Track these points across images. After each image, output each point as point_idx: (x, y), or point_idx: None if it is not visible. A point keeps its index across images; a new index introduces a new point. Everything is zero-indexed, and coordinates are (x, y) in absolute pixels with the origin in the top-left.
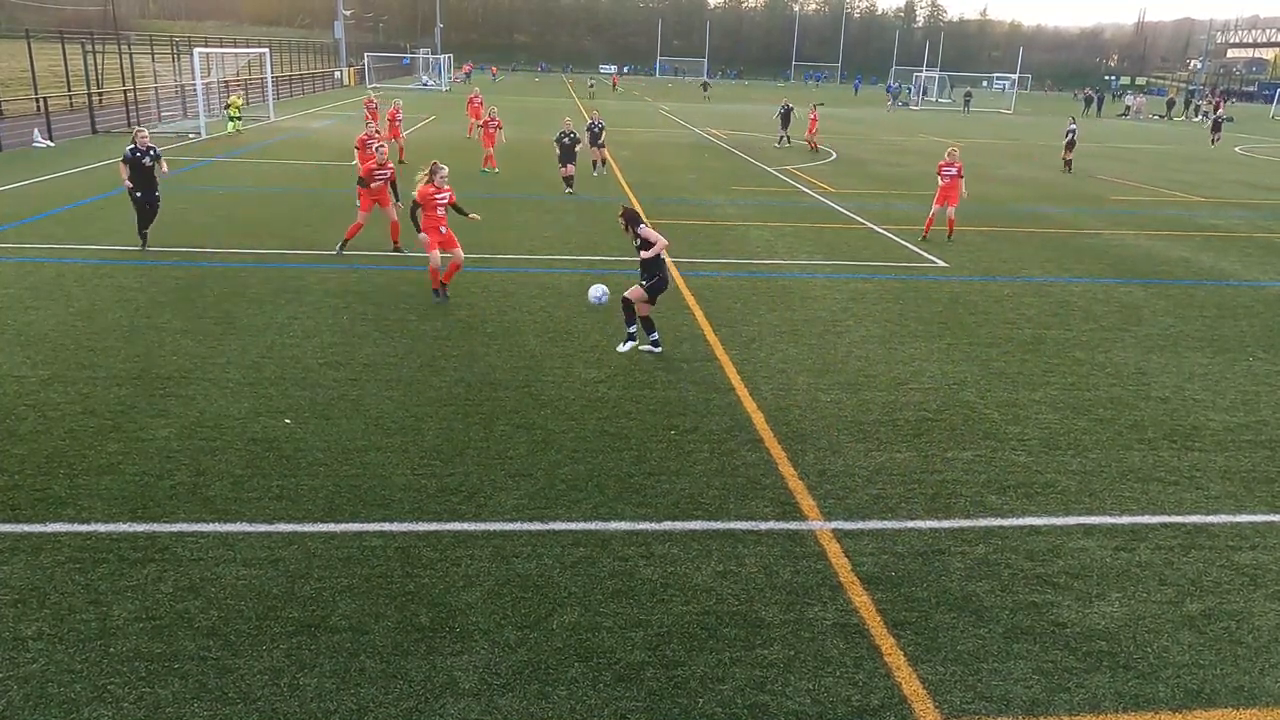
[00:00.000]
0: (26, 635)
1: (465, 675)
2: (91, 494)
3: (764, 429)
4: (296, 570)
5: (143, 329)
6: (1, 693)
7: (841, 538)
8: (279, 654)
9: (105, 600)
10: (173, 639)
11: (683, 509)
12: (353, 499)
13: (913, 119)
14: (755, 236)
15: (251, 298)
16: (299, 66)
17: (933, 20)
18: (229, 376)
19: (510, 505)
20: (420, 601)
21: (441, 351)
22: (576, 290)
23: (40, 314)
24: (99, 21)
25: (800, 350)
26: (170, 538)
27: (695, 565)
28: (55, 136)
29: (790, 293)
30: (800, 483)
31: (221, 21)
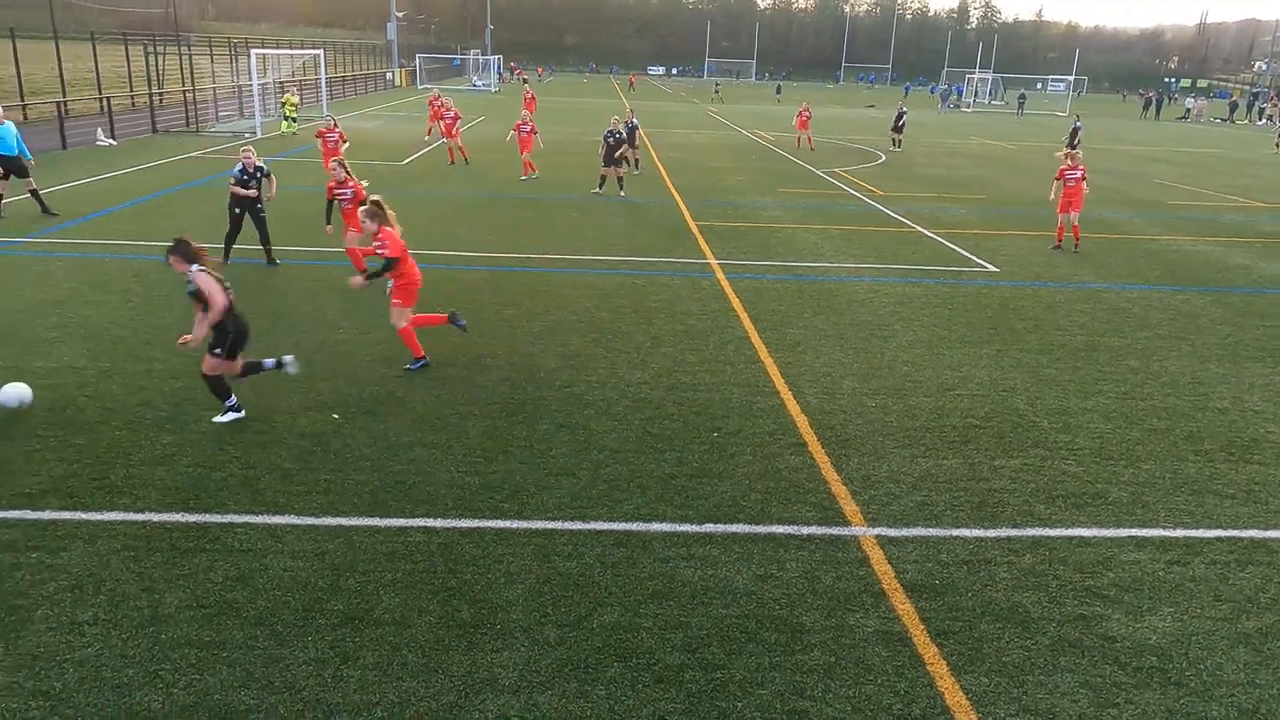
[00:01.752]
0: (83, 620)
1: (505, 671)
2: (147, 484)
3: (808, 433)
4: (342, 563)
5: (193, 323)
6: (58, 675)
7: (885, 544)
8: (324, 645)
9: (158, 588)
10: (222, 627)
11: (724, 512)
12: (398, 494)
13: (964, 121)
14: (802, 239)
15: (304, 294)
16: (351, 68)
17: (986, 21)
18: (280, 371)
19: (552, 504)
20: (462, 597)
21: (487, 350)
22: (620, 291)
23: (100, 308)
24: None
25: (846, 354)
26: (220, 528)
27: (736, 568)
28: (118, 135)
29: (836, 296)
30: (844, 488)
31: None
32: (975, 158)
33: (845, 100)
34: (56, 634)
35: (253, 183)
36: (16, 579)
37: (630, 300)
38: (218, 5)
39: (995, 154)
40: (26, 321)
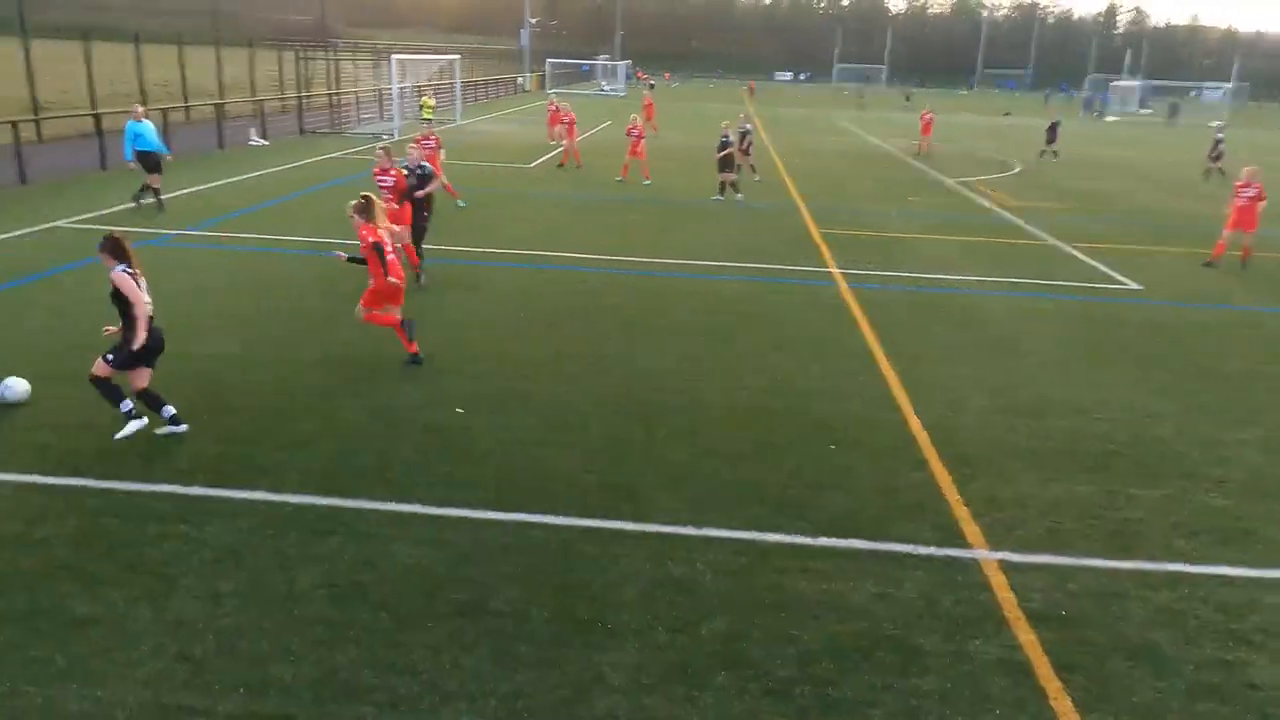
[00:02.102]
0: (223, 591)
1: (616, 671)
2: (287, 467)
3: (929, 450)
4: (462, 553)
5: (336, 317)
6: (199, 641)
7: (1009, 570)
8: (442, 632)
9: (293, 566)
10: (349, 608)
11: (840, 526)
12: (517, 489)
13: (1108, 131)
14: (928, 249)
15: (433, 291)
16: (485, 72)
17: (1136, 25)
18: (411, 366)
19: (668, 508)
20: (577, 595)
21: (606, 351)
22: (741, 298)
23: (250, 299)
24: (311, 30)
25: (972, 370)
26: (352, 513)
27: (851, 585)
28: (269, 136)
29: (963, 309)
30: (966, 509)
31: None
32: (1119, 169)
33: (979, 107)
34: (199, 603)
35: (412, 179)
36: (166, 549)
37: (750, 307)
38: (363, 12)
39: (1141, 165)
40: (182, 310)
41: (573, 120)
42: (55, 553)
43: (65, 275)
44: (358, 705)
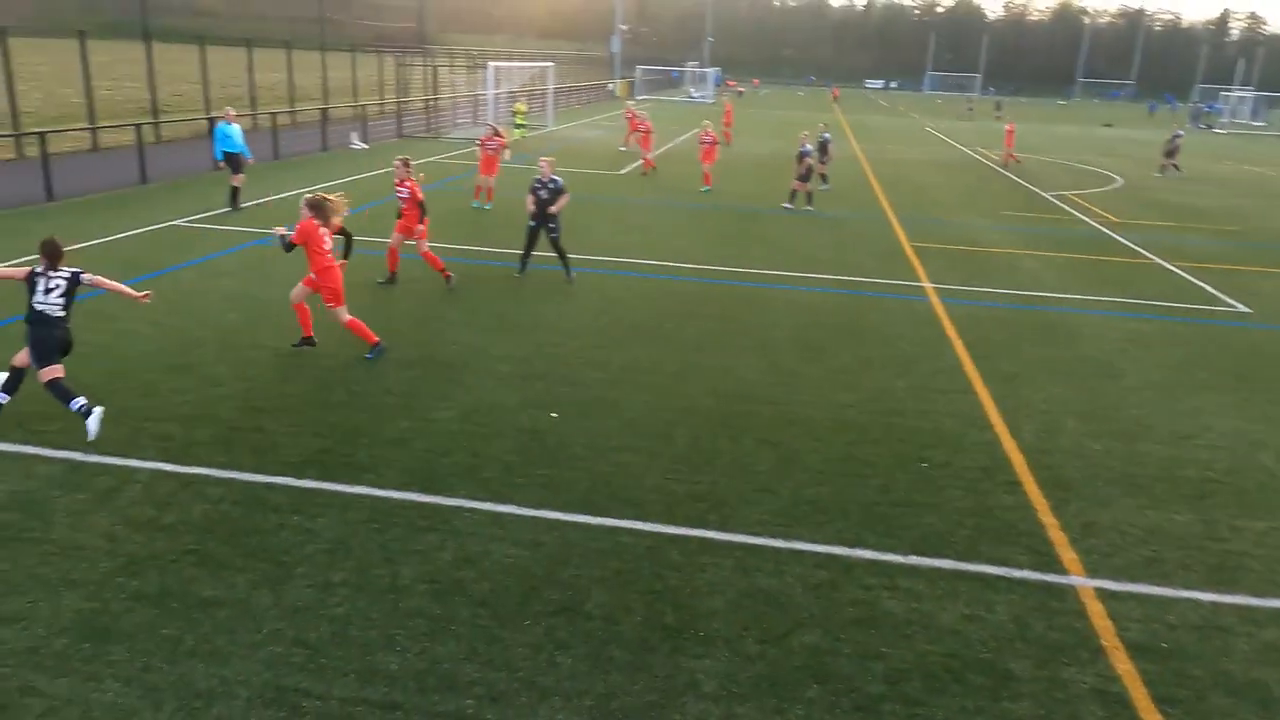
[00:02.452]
0: (335, 581)
1: (706, 679)
2: (387, 464)
3: (1023, 472)
4: (556, 555)
5: (430, 318)
6: (314, 628)
7: (1106, 598)
8: (539, 631)
9: (396, 560)
10: (450, 603)
11: (930, 545)
12: (607, 495)
13: (1218, 144)
14: (1023, 265)
15: (523, 296)
16: (576, 79)
17: (1250, 33)
18: (502, 369)
19: (755, 519)
20: (667, 601)
21: (695, 361)
22: (830, 310)
23: (349, 298)
24: (411, 37)
25: (1069, 391)
26: (450, 511)
27: (941, 605)
28: (368, 139)
29: (1060, 328)
30: (1062, 534)
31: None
32: (1228, 184)
33: (1079, 118)
34: (313, 591)
35: (544, 192)
36: (282, 537)
37: (840, 320)
38: (459, 19)
39: (1253, 181)
40: (287, 308)
41: (649, 129)
42: (183, 538)
43: (182, 271)
44: (459, 698)
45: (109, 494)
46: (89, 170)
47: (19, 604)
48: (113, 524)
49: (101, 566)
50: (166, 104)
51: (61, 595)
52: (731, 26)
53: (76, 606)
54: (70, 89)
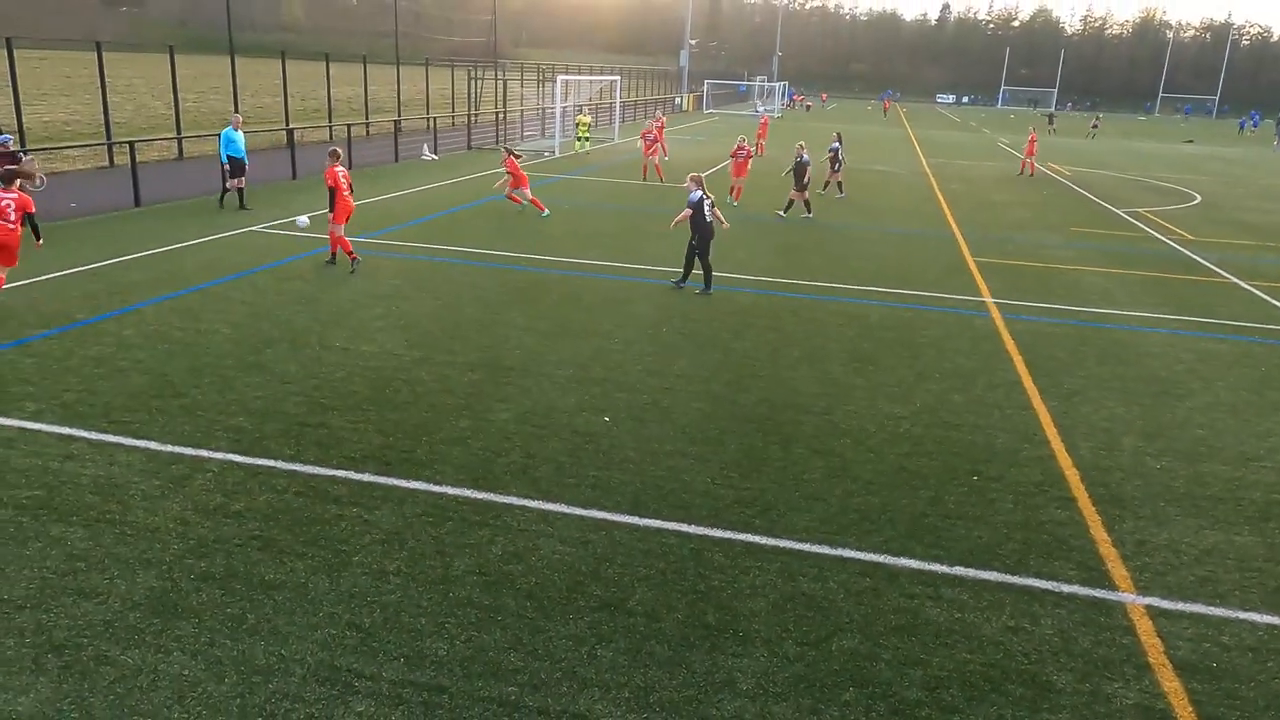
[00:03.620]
0: (389, 570)
1: (744, 677)
2: (444, 461)
3: (1077, 488)
4: (602, 554)
5: (493, 323)
6: (368, 613)
7: (1156, 616)
8: (582, 625)
9: (449, 552)
10: (498, 595)
11: (977, 557)
12: (656, 497)
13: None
14: (1090, 282)
15: (584, 304)
16: (643, 93)
17: None
18: (560, 373)
19: (801, 526)
20: (709, 601)
21: (749, 370)
22: (887, 323)
23: (415, 303)
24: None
25: (1130, 410)
26: (502, 508)
27: (985, 616)
28: (439, 150)
29: (1125, 346)
30: (1114, 550)
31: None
32: None
33: (1159, 134)
34: (369, 579)
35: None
36: (341, 527)
37: (897, 333)
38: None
39: None
40: (355, 311)
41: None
42: (249, 524)
43: (260, 275)
44: (503, 684)
45: (182, 481)
46: (174, 178)
47: (98, 580)
48: (184, 509)
49: (173, 548)
50: (248, 115)
51: (136, 573)
52: (801, 41)
53: (149, 584)
54: (160, 101)
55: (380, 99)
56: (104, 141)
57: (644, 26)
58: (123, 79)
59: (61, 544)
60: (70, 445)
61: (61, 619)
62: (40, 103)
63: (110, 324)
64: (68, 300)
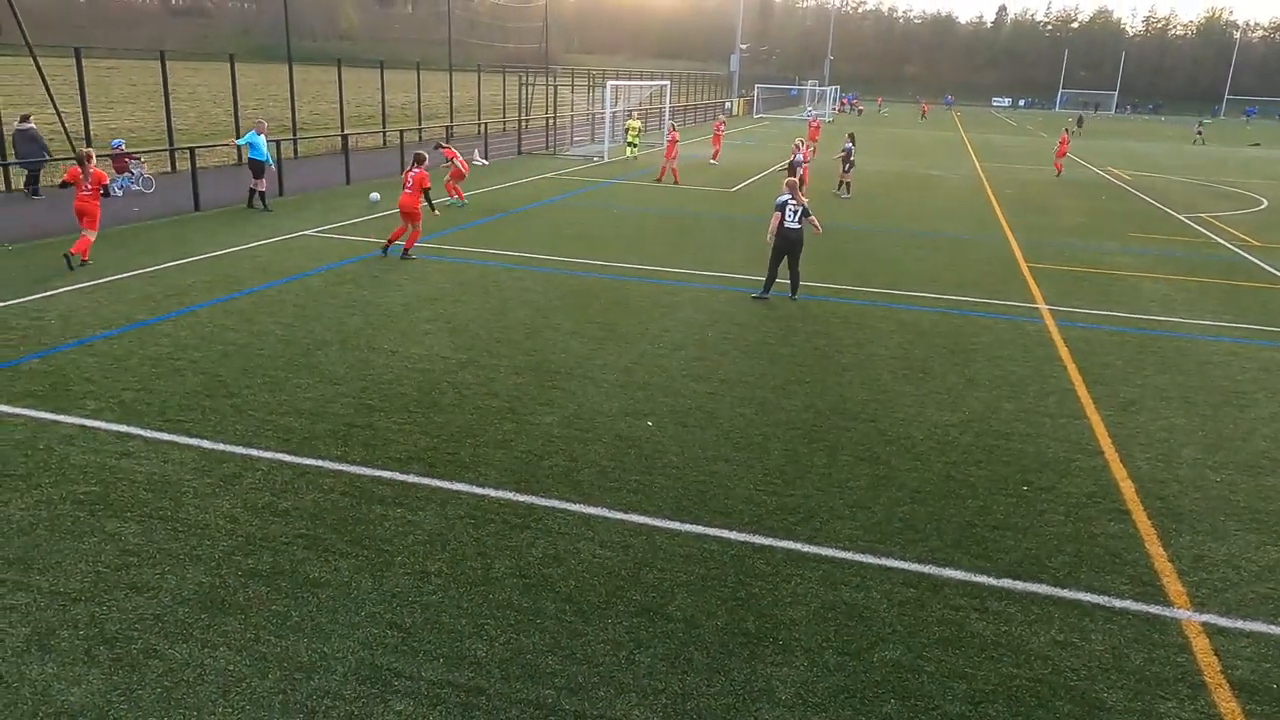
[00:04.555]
0: (430, 571)
1: (783, 686)
2: (488, 464)
3: (1133, 500)
4: (643, 559)
5: (540, 327)
6: (409, 613)
7: (1213, 634)
8: (621, 629)
9: (490, 554)
10: (538, 597)
11: (1025, 569)
12: (698, 503)
13: None
14: (1150, 289)
15: (631, 308)
16: (693, 97)
17: None
18: (605, 377)
19: (845, 534)
20: (749, 609)
21: (795, 376)
22: (937, 330)
23: (464, 307)
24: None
25: (1190, 421)
26: (544, 511)
27: (1032, 630)
28: (489, 155)
29: (1185, 355)
30: (1169, 565)
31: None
32: None
33: (1224, 137)
34: (410, 579)
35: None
36: (385, 527)
37: (946, 340)
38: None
39: None
40: (405, 313)
41: (674, 139)
42: (296, 523)
43: (312, 278)
44: (540, 687)
45: (232, 479)
46: (232, 183)
47: (150, 574)
48: (234, 507)
49: (222, 545)
50: (305, 122)
51: (186, 569)
52: (853, 44)
53: (198, 580)
54: (220, 108)
55: (434, 105)
56: (166, 148)
57: (695, 31)
58: (186, 86)
59: (116, 539)
60: (127, 443)
61: (114, 612)
62: (108, 110)
63: (167, 325)
64: (128, 302)
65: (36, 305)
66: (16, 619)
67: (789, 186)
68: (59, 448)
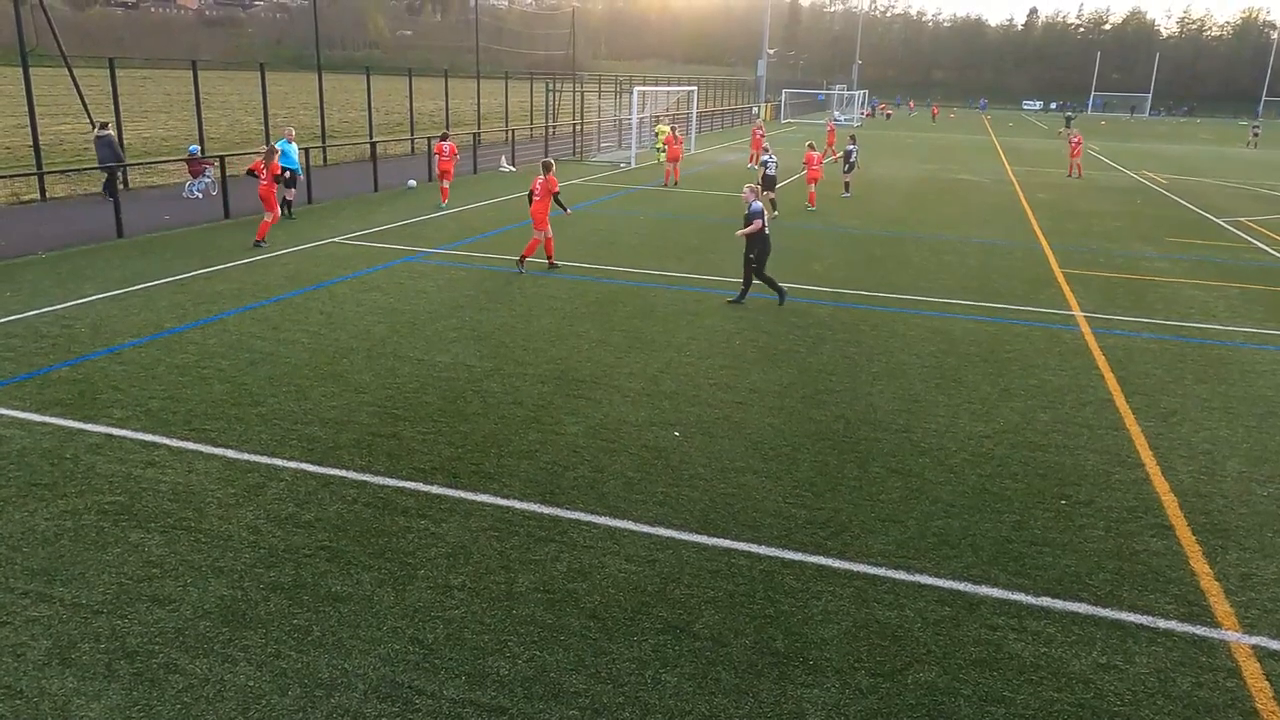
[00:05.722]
0: (453, 585)
1: (814, 709)
2: (513, 474)
3: (1175, 515)
4: (669, 574)
5: (566, 335)
6: (431, 629)
7: (1263, 657)
8: (647, 647)
9: (513, 568)
10: (562, 613)
11: (1065, 587)
12: (726, 516)
13: None
14: (1189, 295)
15: (658, 316)
16: (720, 103)
17: None
18: (631, 386)
19: (877, 549)
20: (778, 627)
21: (825, 385)
22: (970, 338)
23: (489, 314)
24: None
25: (1234, 432)
26: (569, 523)
27: (1073, 651)
28: (516, 162)
29: (1228, 364)
30: (1216, 584)
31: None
32: None
33: (1263, 139)
34: (433, 593)
35: None
36: (408, 540)
37: (980, 348)
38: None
39: None
40: (431, 321)
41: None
42: (318, 534)
43: (339, 285)
44: (564, 707)
45: (256, 489)
46: None
47: (172, 587)
48: (257, 518)
49: (244, 557)
50: (334, 130)
51: (208, 581)
52: (881, 49)
53: (220, 593)
54: (253, 116)
55: (462, 113)
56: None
57: (723, 37)
58: (219, 95)
59: (139, 550)
60: (153, 452)
61: (135, 625)
62: (141, 119)
63: (195, 333)
64: (157, 309)
65: (68, 313)
66: (39, 631)
67: (752, 190)
68: (85, 457)
